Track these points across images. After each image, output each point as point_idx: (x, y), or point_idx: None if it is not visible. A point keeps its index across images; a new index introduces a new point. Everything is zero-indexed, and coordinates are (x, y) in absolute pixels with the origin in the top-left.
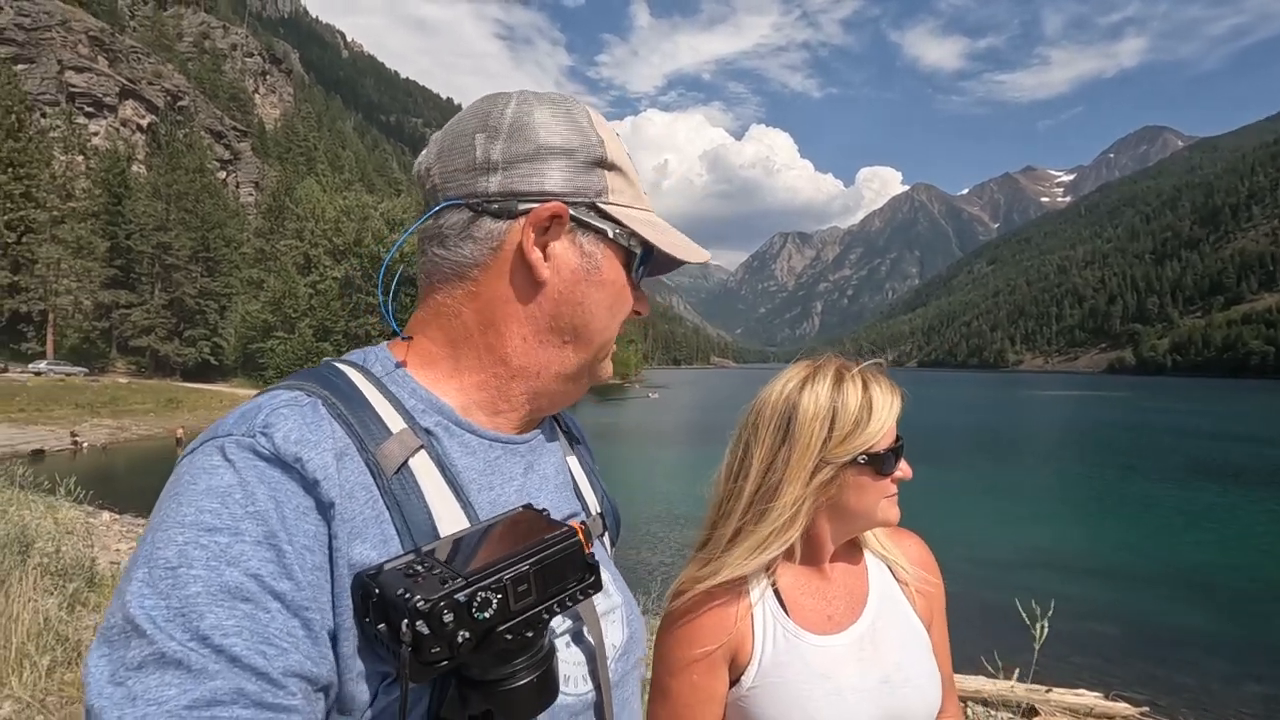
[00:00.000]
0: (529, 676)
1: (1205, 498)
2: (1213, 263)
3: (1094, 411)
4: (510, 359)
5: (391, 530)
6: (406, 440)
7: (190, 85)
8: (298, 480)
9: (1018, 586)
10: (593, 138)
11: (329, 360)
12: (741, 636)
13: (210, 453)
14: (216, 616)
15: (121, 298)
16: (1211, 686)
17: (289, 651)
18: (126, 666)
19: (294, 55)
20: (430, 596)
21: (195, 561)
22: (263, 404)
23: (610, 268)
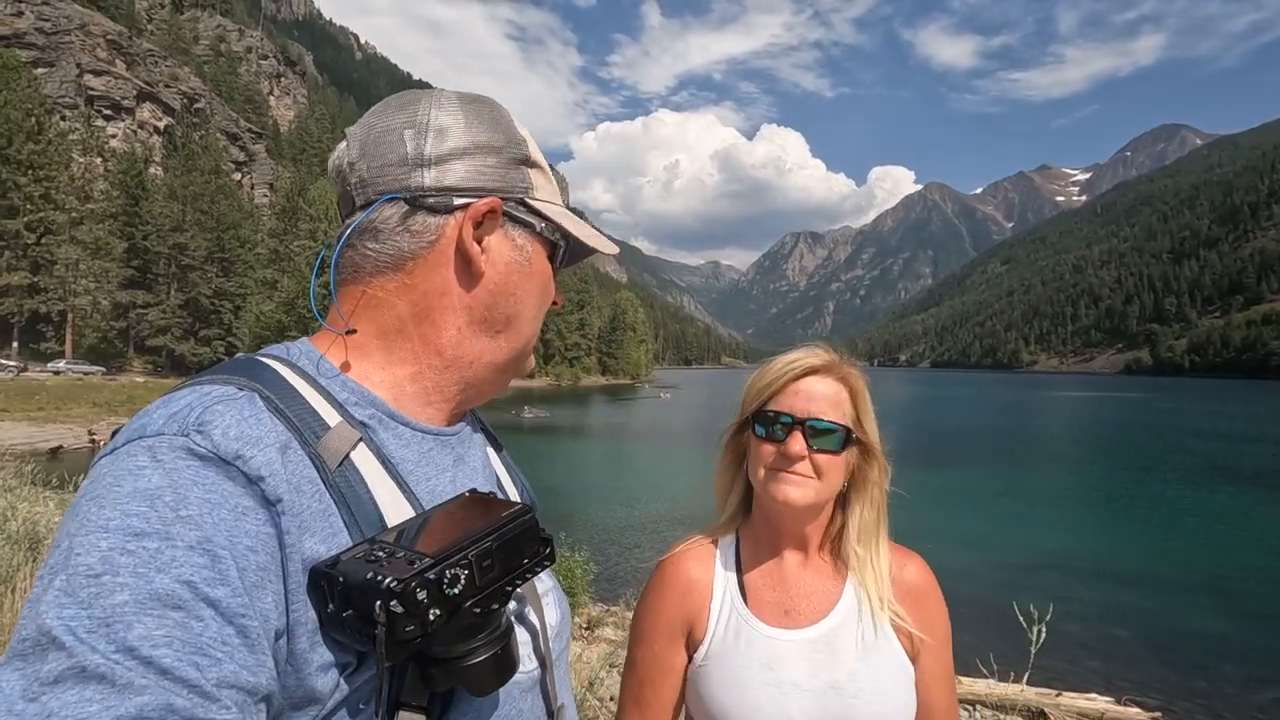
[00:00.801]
0: (490, 651)
1: (1222, 500)
2: (1232, 262)
3: (1110, 412)
4: (445, 350)
5: (340, 523)
6: (345, 433)
7: (206, 88)
8: (238, 479)
9: (1029, 589)
10: (517, 136)
11: (248, 355)
12: (698, 612)
13: (136, 453)
14: (145, 626)
15: (138, 298)
16: (1227, 692)
17: (223, 661)
18: (41, 681)
19: (308, 57)
20: (402, 576)
21: (121, 569)
22: (193, 401)
23: (539, 260)
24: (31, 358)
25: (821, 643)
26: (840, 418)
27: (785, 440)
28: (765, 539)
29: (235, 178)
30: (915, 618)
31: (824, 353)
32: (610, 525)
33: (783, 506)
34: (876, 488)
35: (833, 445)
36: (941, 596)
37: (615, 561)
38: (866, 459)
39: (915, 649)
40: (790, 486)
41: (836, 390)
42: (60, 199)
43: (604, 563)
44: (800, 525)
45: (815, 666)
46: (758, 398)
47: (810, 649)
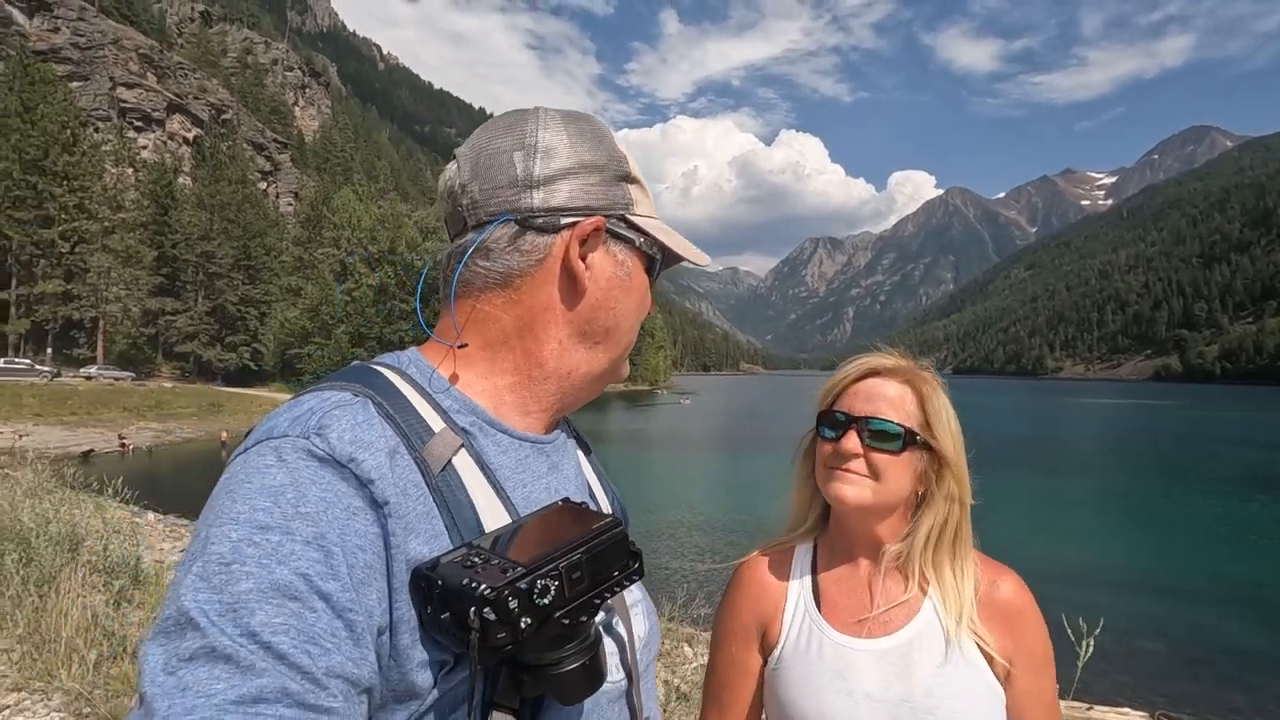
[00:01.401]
0: (579, 661)
1: (1256, 510)
2: (1264, 266)
3: (1139, 420)
4: (546, 362)
5: (441, 526)
6: (448, 439)
7: (233, 99)
8: (351, 481)
9: (1061, 599)
10: (618, 154)
11: (363, 363)
12: (772, 616)
13: (264, 453)
14: (266, 614)
15: (167, 305)
16: (1267, 707)
17: (332, 652)
18: (179, 657)
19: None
20: (495, 585)
21: (248, 559)
22: (314, 406)
23: (638, 274)
24: (64, 363)
25: (895, 654)
26: (902, 419)
27: (841, 438)
28: (841, 547)
29: (261, 187)
30: (1006, 638)
31: (892, 356)
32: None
33: (836, 504)
34: (951, 499)
35: (891, 446)
36: (1040, 618)
37: None
38: (939, 467)
39: (1007, 669)
40: (844, 485)
41: (900, 392)
42: (93, 209)
43: None
44: (868, 529)
45: (888, 678)
46: (823, 400)
47: (883, 660)
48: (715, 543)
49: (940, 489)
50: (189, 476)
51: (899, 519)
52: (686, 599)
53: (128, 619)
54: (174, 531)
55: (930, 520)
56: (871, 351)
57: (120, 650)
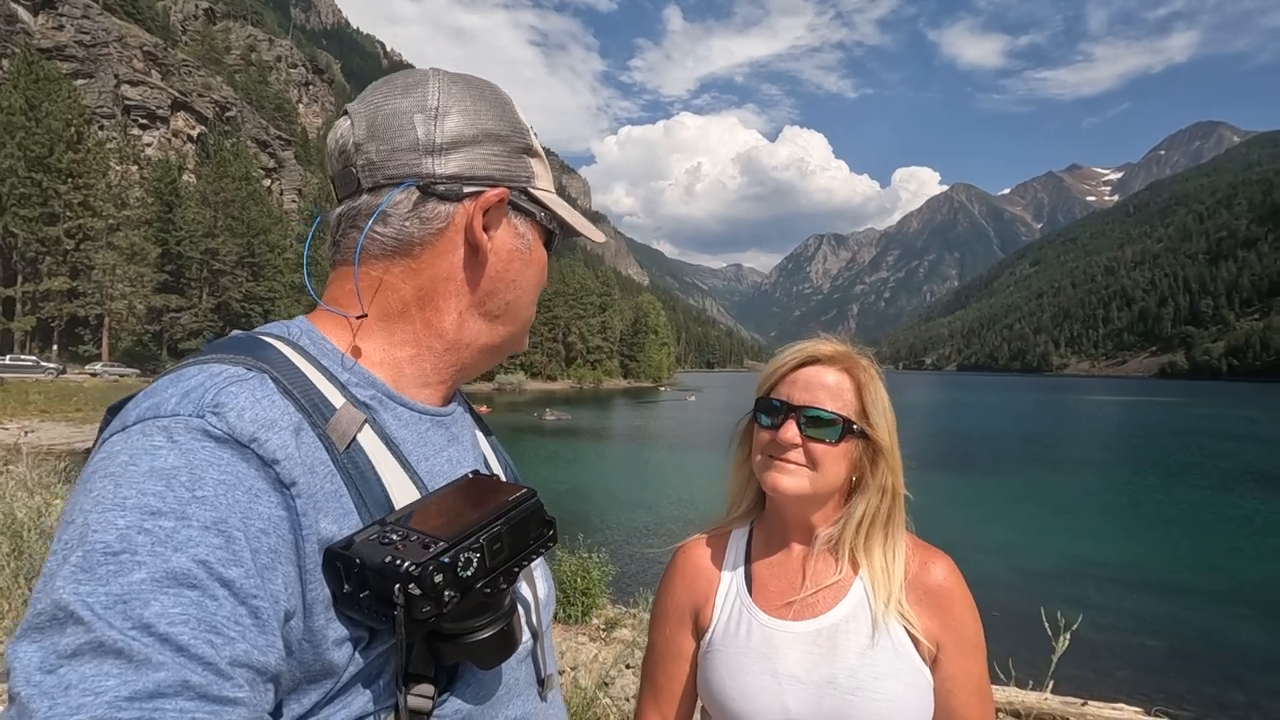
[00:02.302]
0: (496, 628)
1: (1259, 507)
2: (1272, 263)
3: (1144, 417)
4: (446, 334)
5: (350, 504)
6: (351, 415)
7: (238, 96)
8: (253, 461)
9: (1058, 595)
10: (520, 125)
11: (247, 333)
12: (705, 598)
13: (151, 433)
14: (162, 604)
15: (172, 302)
16: (1264, 704)
17: (236, 641)
18: (59, 654)
19: (336, 66)
20: (419, 561)
21: (139, 547)
22: (204, 381)
23: (538, 248)
24: (70, 360)
25: (821, 637)
26: (839, 408)
27: (779, 427)
28: (776, 531)
29: (265, 184)
30: (934, 621)
31: (830, 343)
32: (630, 527)
33: (773, 493)
34: (883, 485)
35: (829, 435)
36: (971, 601)
37: (634, 563)
38: (873, 454)
39: (934, 652)
40: (782, 475)
41: (839, 380)
42: (98, 206)
43: (623, 564)
44: (803, 516)
45: (814, 660)
46: (761, 386)
47: (809, 642)
48: None
49: (875, 477)
50: None
51: (833, 505)
52: None
53: None
54: None
55: (863, 506)
56: (811, 337)
57: None
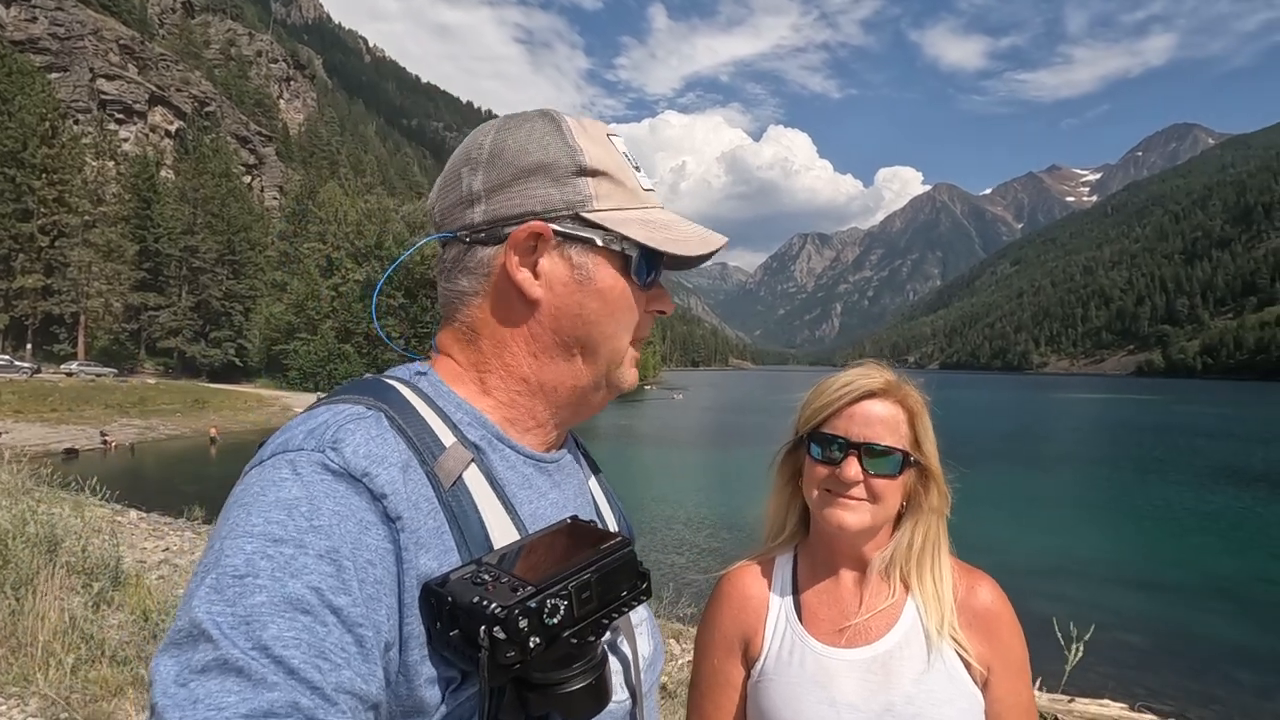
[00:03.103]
0: (585, 680)
1: (1236, 504)
2: (1245, 263)
3: (1122, 414)
4: (529, 378)
5: (451, 542)
6: (459, 454)
7: (217, 91)
8: (364, 495)
9: (1044, 593)
10: (570, 147)
11: (375, 375)
12: (754, 628)
13: (280, 466)
14: (279, 627)
15: (150, 300)
16: (1244, 700)
17: (342, 668)
18: (191, 669)
19: (317, 61)
20: (506, 604)
21: (261, 571)
22: (329, 419)
23: (605, 274)
24: (45, 359)
25: (876, 664)
26: (897, 441)
27: (841, 464)
28: (822, 558)
29: (245, 181)
30: (985, 644)
31: (882, 374)
32: None
33: (838, 531)
34: (934, 510)
35: (889, 469)
36: (1016, 623)
37: None
38: (924, 481)
39: (985, 675)
40: (845, 512)
41: (894, 413)
42: (73, 202)
43: None
44: (857, 547)
45: (870, 688)
46: (814, 418)
47: (864, 669)
48: (708, 540)
49: (926, 502)
50: (173, 474)
51: (884, 532)
52: (674, 595)
53: (106, 622)
54: (157, 530)
55: (914, 531)
56: (858, 365)
57: (99, 654)
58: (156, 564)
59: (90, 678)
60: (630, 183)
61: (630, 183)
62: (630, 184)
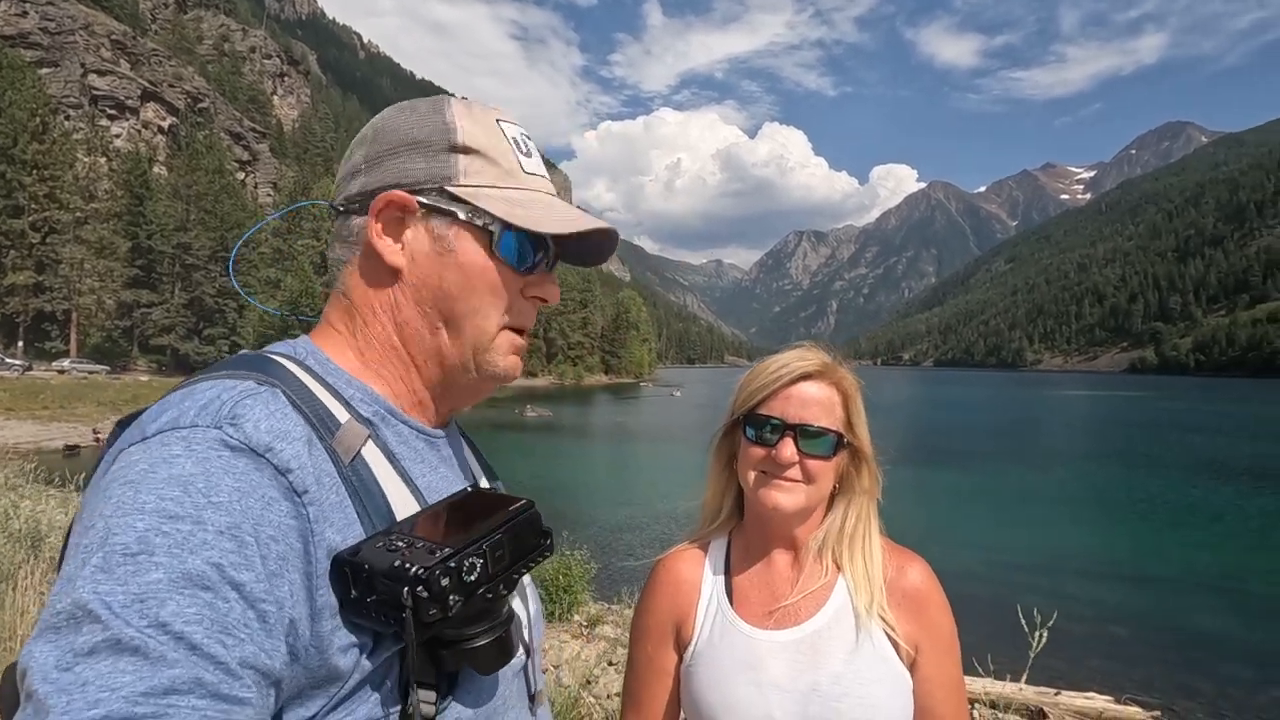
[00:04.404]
0: (494, 635)
1: (1225, 499)
2: (1238, 260)
3: (1114, 411)
4: (396, 347)
5: (353, 514)
6: (355, 430)
7: (210, 87)
8: (267, 471)
9: (1030, 587)
10: (446, 125)
11: (255, 352)
12: (686, 612)
13: (169, 443)
14: (177, 604)
15: (143, 297)
16: (1229, 692)
17: (245, 642)
18: (76, 652)
19: (311, 57)
20: (427, 565)
21: (157, 548)
22: (221, 394)
23: (467, 249)
24: (37, 357)
25: (804, 645)
26: (832, 423)
27: (776, 445)
28: (755, 541)
29: (239, 177)
30: (913, 623)
31: (817, 355)
32: (612, 524)
33: (772, 512)
34: (866, 492)
35: (824, 450)
36: (945, 602)
37: (616, 560)
38: (856, 462)
39: (913, 655)
40: (780, 493)
41: (829, 394)
42: (65, 198)
43: (605, 561)
44: (789, 528)
45: (797, 668)
46: (749, 400)
47: (793, 650)
48: None
49: (858, 483)
50: None
51: (817, 514)
52: None
53: None
54: None
55: (846, 512)
56: (793, 347)
57: None
58: None
59: None
60: (506, 163)
61: (506, 163)
62: (506, 164)
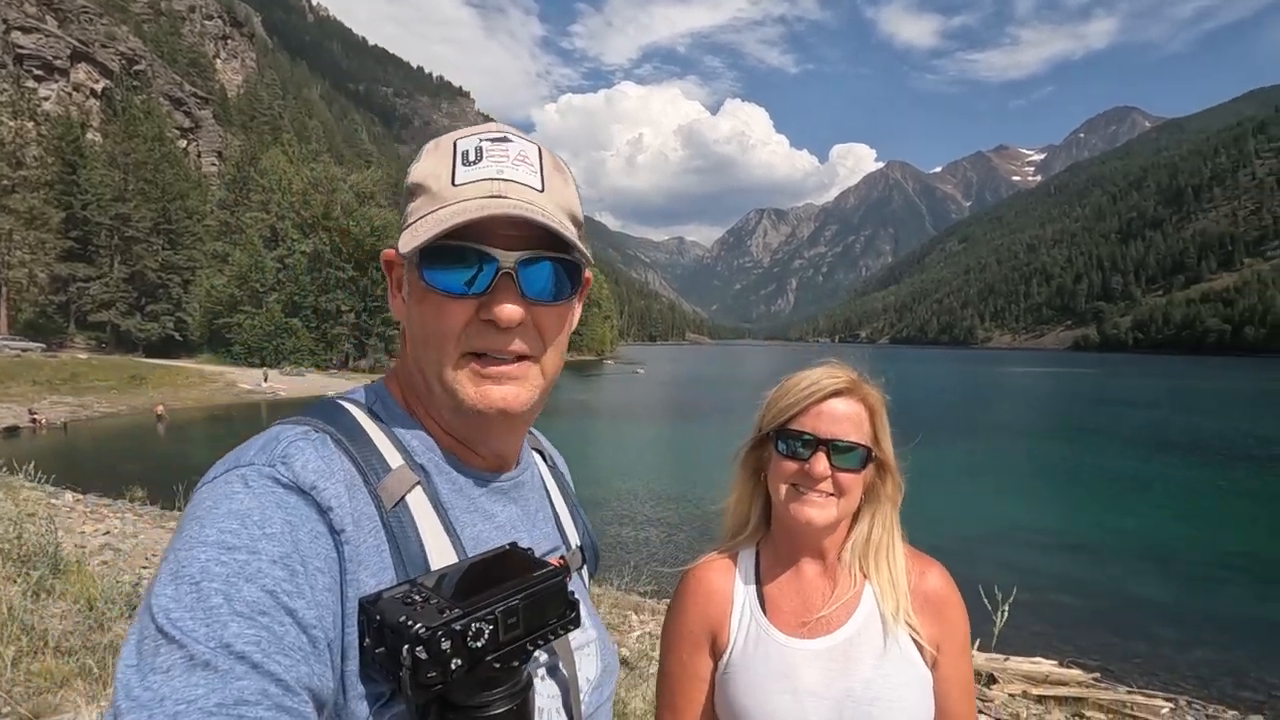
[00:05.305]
0: (507, 705)
1: (1159, 471)
2: (1175, 242)
3: (1058, 386)
4: (422, 395)
5: (388, 560)
6: (404, 476)
7: (146, 49)
8: (313, 507)
9: (980, 558)
10: (410, 170)
11: (334, 397)
12: (719, 622)
13: (231, 480)
14: (239, 626)
15: (79, 270)
16: (1160, 652)
17: (299, 664)
18: (155, 671)
19: (256, 19)
20: (430, 624)
21: (217, 577)
22: (279, 435)
23: (415, 286)
24: None
25: (836, 652)
26: (861, 438)
27: (809, 460)
28: (785, 551)
29: (181, 145)
30: (935, 626)
31: (845, 372)
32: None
33: (804, 526)
34: (890, 501)
35: (854, 464)
36: (962, 604)
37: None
38: (881, 474)
39: (934, 655)
40: (812, 508)
41: (857, 410)
42: None
43: None
44: (819, 540)
45: (831, 675)
46: (780, 416)
47: (826, 658)
48: (666, 514)
49: (882, 492)
50: (111, 454)
51: (844, 525)
52: (635, 571)
53: (48, 611)
54: (95, 513)
55: (872, 523)
56: (821, 364)
57: (41, 645)
58: (98, 549)
59: (33, 670)
60: (437, 185)
61: (437, 185)
62: (437, 186)
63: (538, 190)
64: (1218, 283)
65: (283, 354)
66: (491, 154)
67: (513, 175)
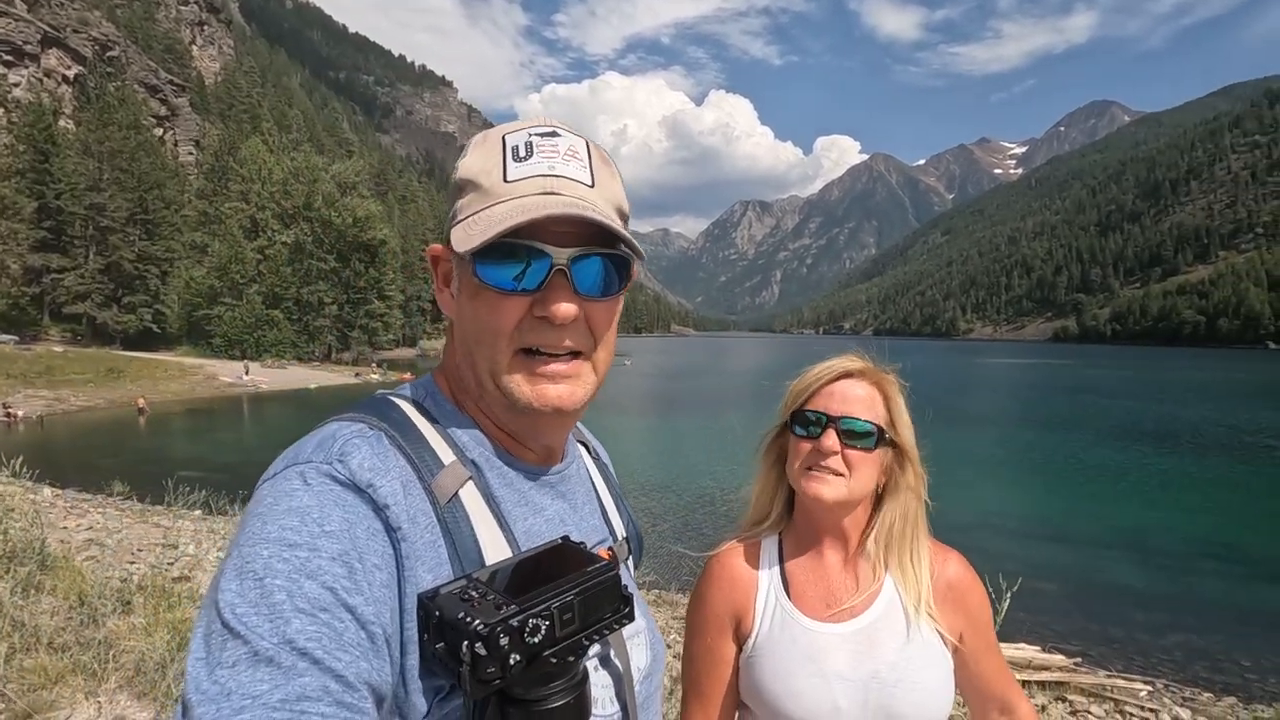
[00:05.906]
0: (565, 698)
1: (1134, 460)
2: (1152, 235)
3: (1038, 377)
4: (471, 390)
5: (444, 556)
6: (457, 472)
7: (120, 34)
8: (370, 504)
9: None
10: (459, 165)
11: (384, 393)
12: (744, 606)
13: (290, 477)
14: (301, 623)
15: (53, 261)
16: (1139, 638)
17: (359, 659)
18: (222, 665)
19: (233, 4)
20: (489, 621)
21: (279, 573)
22: (336, 432)
23: (467, 282)
24: None
25: (862, 635)
26: (873, 418)
27: (820, 436)
28: (807, 537)
29: (157, 133)
30: (957, 615)
31: (859, 359)
32: None
33: (814, 502)
34: (911, 492)
35: (865, 443)
36: (983, 590)
37: None
38: (901, 461)
39: (955, 642)
40: (822, 484)
41: (870, 392)
42: None
43: None
44: (837, 522)
45: (857, 658)
46: (796, 400)
47: (852, 641)
48: (662, 503)
49: (903, 481)
50: (90, 448)
51: (863, 510)
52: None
53: (39, 607)
54: (76, 508)
55: (892, 510)
56: (839, 354)
57: (33, 641)
58: (83, 544)
59: (26, 666)
60: (488, 181)
61: (488, 181)
62: (488, 183)
63: (588, 185)
64: (1193, 275)
65: (264, 346)
66: (541, 149)
67: (564, 171)
